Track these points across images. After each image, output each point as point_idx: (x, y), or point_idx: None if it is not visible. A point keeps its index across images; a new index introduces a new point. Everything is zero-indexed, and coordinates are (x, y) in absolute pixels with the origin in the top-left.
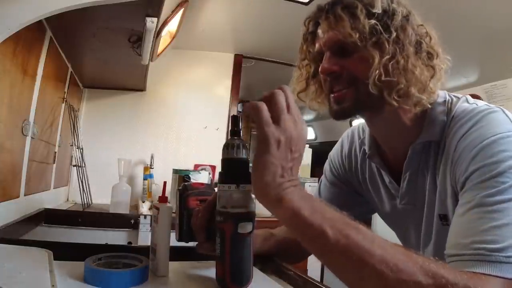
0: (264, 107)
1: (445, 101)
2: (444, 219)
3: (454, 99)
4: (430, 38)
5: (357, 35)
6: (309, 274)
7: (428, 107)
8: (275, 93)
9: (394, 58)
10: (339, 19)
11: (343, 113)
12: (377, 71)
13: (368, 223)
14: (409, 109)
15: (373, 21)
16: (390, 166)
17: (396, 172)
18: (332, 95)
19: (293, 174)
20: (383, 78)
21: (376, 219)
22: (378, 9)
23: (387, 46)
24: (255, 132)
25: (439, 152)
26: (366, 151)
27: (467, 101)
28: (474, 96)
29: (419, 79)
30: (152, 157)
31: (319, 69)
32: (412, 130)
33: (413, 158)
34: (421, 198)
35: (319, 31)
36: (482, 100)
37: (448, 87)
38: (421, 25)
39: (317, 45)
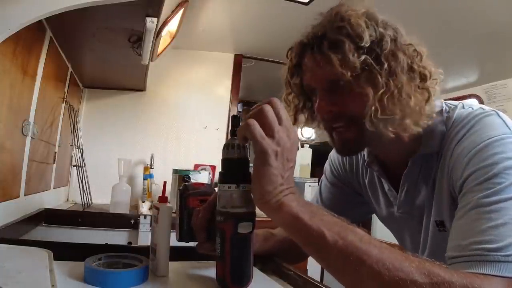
0: (254, 122)
1: (441, 110)
2: (441, 225)
3: (451, 107)
4: (421, 56)
5: (348, 73)
6: (309, 274)
7: (426, 126)
8: (262, 107)
9: (389, 91)
10: (327, 58)
11: (350, 152)
12: (373, 108)
13: (368, 223)
14: None
15: (363, 57)
16: (389, 172)
17: (395, 179)
18: (334, 132)
19: (290, 182)
20: (379, 115)
21: (377, 219)
22: (366, 43)
23: (380, 79)
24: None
25: (438, 162)
26: (365, 158)
27: (463, 107)
28: (473, 96)
29: (413, 109)
30: (152, 157)
31: (316, 108)
32: (411, 143)
33: (412, 170)
34: (419, 209)
35: (306, 65)
36: (481, 98)
37: (448, 87)
38: (409, 44)
39: (305, 79)
